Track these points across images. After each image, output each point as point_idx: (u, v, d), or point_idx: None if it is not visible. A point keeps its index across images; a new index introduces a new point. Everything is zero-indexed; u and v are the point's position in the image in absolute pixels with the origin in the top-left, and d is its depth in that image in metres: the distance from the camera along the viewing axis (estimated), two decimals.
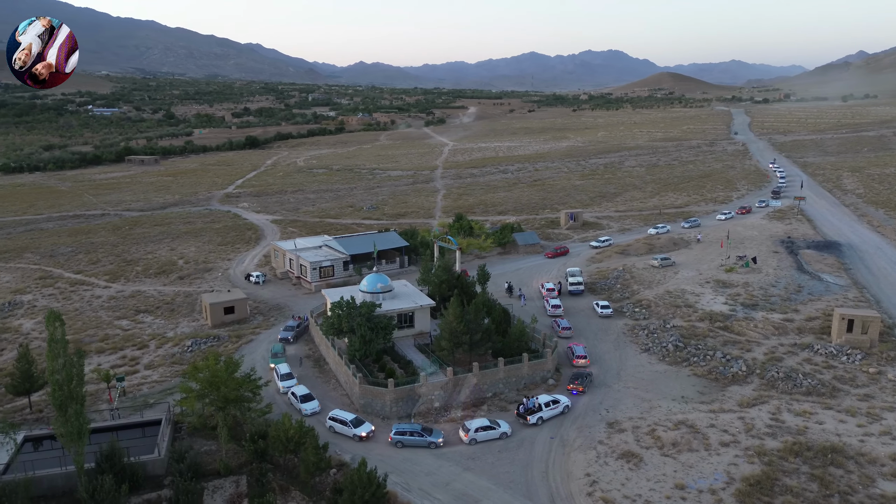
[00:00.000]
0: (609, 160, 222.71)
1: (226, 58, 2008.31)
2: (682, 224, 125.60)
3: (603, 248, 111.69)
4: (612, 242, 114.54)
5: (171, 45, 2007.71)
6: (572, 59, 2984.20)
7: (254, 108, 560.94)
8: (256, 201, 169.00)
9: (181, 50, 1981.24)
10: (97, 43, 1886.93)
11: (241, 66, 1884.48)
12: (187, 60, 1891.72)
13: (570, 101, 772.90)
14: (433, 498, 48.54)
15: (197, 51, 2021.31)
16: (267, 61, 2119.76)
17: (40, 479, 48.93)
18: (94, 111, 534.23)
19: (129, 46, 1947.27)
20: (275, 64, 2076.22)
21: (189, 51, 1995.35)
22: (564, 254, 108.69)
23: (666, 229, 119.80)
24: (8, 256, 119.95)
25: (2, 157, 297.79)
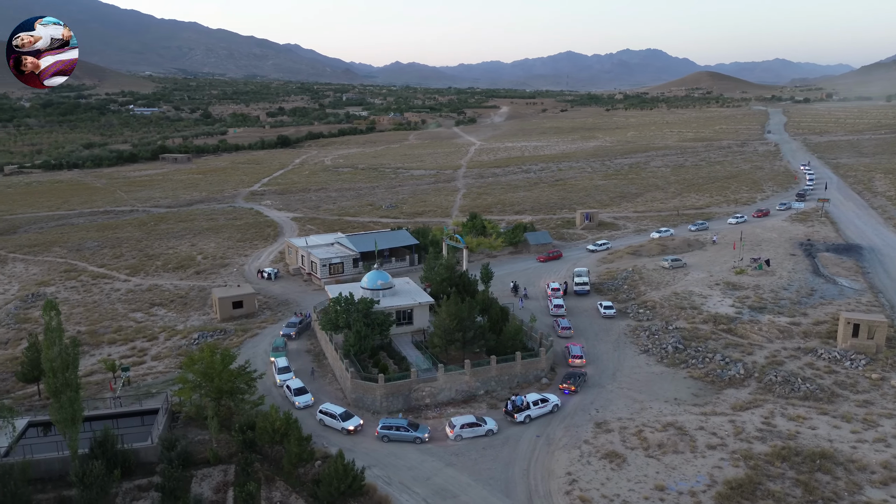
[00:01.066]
0: (635, 160, 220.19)
1: (265, 58, 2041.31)
2: (689, 227, 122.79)
3: (602, 251, 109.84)
4: (611, 246, 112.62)
5: (213, 45, 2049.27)
6: (609, 58, 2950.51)
7: (288, 108, 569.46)
8: (279, 199, 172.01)
9: (222, 51, 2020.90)
10: (142, 44, 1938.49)
11: (280, 67, 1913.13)
12: (227, 61, 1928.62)
13: (604, 100, 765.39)
14: (412, 492, 49.18)
15: (237, 51, 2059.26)
16: (304, 61, 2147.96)
17: (38, 462, 51.13)
18: (134, 110, 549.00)
19: (173, 48, 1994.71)
20: (312, 64, 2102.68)
21: (229, 51, 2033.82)
22: (557, 258, 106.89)
23: (669, 232, 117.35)
24: (37, 250, 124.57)
25: (44, 155, 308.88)
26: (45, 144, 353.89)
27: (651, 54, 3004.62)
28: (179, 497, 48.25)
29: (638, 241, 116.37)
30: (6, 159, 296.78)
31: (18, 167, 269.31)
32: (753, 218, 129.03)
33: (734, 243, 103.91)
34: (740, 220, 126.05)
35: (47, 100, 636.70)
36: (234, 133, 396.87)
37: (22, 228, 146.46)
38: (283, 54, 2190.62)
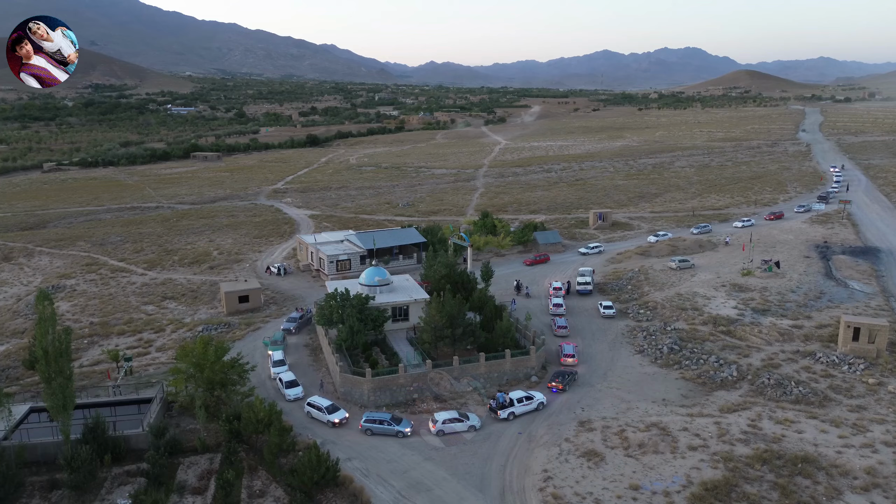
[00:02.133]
0: (659, 160, 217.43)
1: (301, 58, 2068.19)
2: (691, 230, 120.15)
3: (594, 254, 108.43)
4: (604, 249, 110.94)
5: (251, 46, 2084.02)
6: (647, 57, 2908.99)
7: (321, 108, 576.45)
8: (300, 197, 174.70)
9: (260, 51, 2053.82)
10: (183, 45, 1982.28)
11: (316, 67, 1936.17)
12: (265, 61, 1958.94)
13: (638, 100, 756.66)
14: (388, 484, 49.94)
15: (275, 52, 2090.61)
16: (340, 62, 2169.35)
17: (35, 446, 53.36)
18: (171, 110, 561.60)
19: (212, 48, 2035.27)
20: (348, 64, 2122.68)
21: (267, 52, 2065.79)
22: (545, 262, 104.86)
23: (667, 236, 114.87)
24: (63, 244, 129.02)
25: (82, 153, 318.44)
26: (84, 142, 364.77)
27: (690, 53, 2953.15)
28: (164, 483, 50.00)
29: (650, 241, 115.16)
30: (46, 157, 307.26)
31: (56, 164, 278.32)
32: (766, 221, 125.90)
33: (743, 245, 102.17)
34: (747, 224, 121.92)
35: (89, 99, 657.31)
36: (266, 132, 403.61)
37: (52, 223, 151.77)
38: (320, 54, 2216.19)
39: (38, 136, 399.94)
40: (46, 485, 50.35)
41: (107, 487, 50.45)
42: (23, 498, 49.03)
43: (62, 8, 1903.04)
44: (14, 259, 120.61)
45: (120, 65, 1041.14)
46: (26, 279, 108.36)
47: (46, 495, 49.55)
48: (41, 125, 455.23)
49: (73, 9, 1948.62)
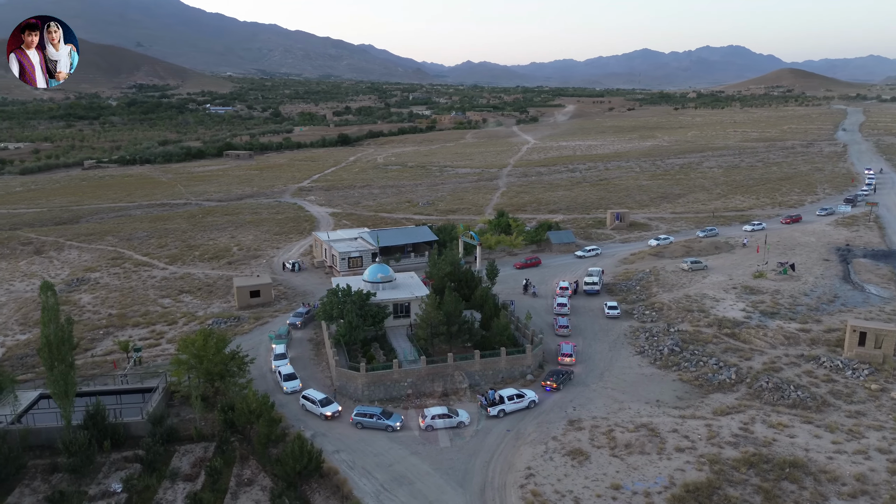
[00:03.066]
0: (688, 160, 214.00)
1: (339, 59, 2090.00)
2: (697, 233, 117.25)
3: (590, 256, 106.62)
4: (601, 252, 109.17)
5: (290, 47, 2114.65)
6: (688, 55, 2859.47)
7: (355, 107, 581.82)
8: (324, 195, 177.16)
9: (299, 52, 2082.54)
10: (224, 46, 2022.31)
11: (353, 67, 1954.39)
12: (304, 62, 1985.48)
13: (676, 99, 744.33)
14: (372, 477, 50.79)
15: (313, 52, 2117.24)
16: (378, 62, 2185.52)
17: (39, 431, 55.74)
18: (210, 109, 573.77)
19: (253, 49, 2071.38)
20: (385, 64, 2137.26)
21: (306, 52, 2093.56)
22: (535, 265, 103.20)
23: (669, 240, 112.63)
24: (92, 238, 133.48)
25: (122, 151, 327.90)
26: (125, 141, 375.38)
27: (733, 51, 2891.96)
28: (157, 469, 51.75)
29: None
30: (87, 154, 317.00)
31: (96, 162, 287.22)
32: (782, 224, 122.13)
33: (758, 247, 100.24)
34: (757, 228, 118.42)
35: (132, 99, 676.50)
36: (299, 131, 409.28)
37: (84, 218, 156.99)
38: (357, 55, 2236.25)
39: (81, 134, 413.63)
40: (48, 468, 52.54)
41: (104, 472, 52.40)
42: (25, 480, 51.30)
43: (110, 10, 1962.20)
44: (45, 252, 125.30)
45: (163, 65, 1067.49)
46: (54, 272, 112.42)
47: (47, 478, 51.68)
48: (85, 124, 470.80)
49: (120, 11, 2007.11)
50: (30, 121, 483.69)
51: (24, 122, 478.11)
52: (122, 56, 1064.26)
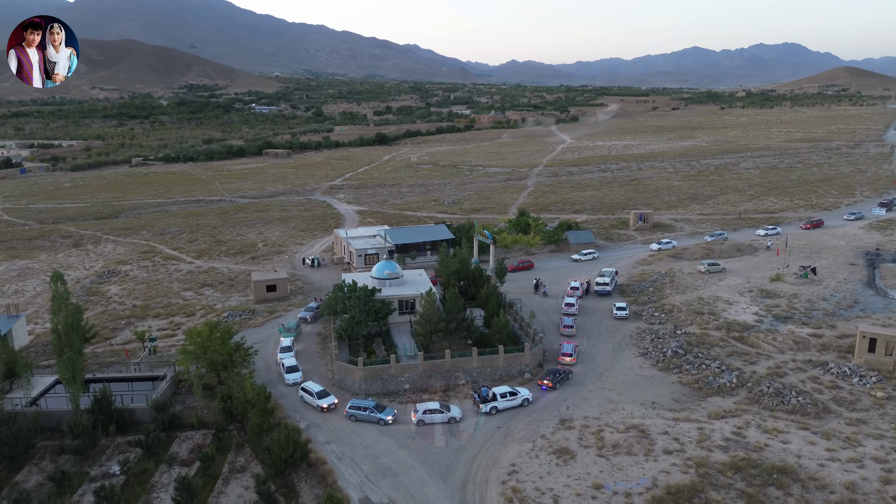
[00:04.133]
0: (725, 161, 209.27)
1: (384, 59, 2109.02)
2: (705, 237, 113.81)
3: (587, 260, 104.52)
4: (598, 256, 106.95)
5: (337, 47, 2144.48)
6: (740, 53, 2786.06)
7: (396, 107, 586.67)
8: (353, 193, 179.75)
9: (345, 52, 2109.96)
10: (274, 47, 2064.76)
11: (398, 67, 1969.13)
12: (350, 62, 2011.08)
13: (724, 98, 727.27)
14: (358, 468, 51.85)
15: (359, 52, 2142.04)
16: (422, 61, 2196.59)
17: (51, 413, 58.68)
18: (255, 109, 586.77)
19: (301, 49, 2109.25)
20: (429, 64, 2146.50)
21: (352, 52, 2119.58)
22: (528, 268, 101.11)
23: (672, 244, 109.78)
24: (128, 233, 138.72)
25: (168, 149, 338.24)
26: (172, 139, 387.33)
27: (788, 49, 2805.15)
28: (156, 454, 53.95)
29: (686, 243, 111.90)
30: (136, 152, 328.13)
31: (143, 159, 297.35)
32: (802, 230, 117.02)
33: (778, 249, 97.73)
34: (771, 232, 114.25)
35: (182, 98, 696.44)
36: (339, 130, 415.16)
37: (123, 214, 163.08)
38: (403, 55, 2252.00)
39: (132, 132, 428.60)
40: (56, 449, 55.33)
41: (107, 455, 54.87)
42: (34, 459, 54.17)
43: (167, 13, 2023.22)
44: (83, 245, 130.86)
45: (213, 66, 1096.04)
46: (89, 264, 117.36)
47: (55, 458, 54.43)
48: (136, 123, 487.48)
49: (177, 13, 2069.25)
50: (84, 119, 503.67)
51: (78, 120, 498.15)
52: (174, 57, 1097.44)
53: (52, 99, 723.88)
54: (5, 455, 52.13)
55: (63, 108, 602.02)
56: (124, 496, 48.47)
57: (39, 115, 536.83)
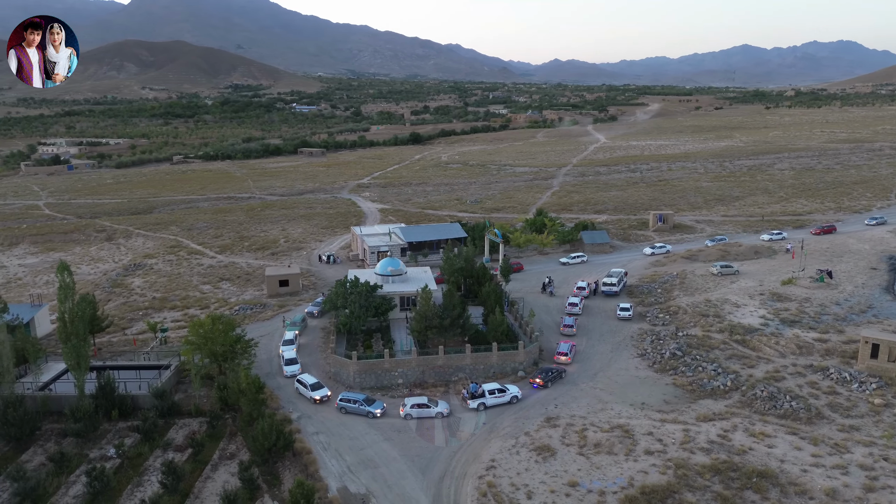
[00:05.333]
0: (759, 162, 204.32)
1: (426, 58, 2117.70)
2: (706, 242, 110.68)
3: (575, 263, 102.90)
4: (587, 259, 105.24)
5: (380, 47, 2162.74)
6: (792, 51, 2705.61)
7: (433, 107, 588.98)
8: (379, 191, 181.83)
9: (387, 52, 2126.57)
10: (318, 47, 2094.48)
11: (440, 66, 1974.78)
12: (392, 62, 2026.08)
13: (771, 97, 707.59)
14: (341, 458, 53.08)
15: (401, 52, 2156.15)
16: (464, 61, 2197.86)
17: (59, 398, 61.58)
18: (295, 108, 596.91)
19: (344, 50, 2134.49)
20: (471, 63, 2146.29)
21: (394, 52, 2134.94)
22: (517, 270, 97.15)
23: (665, 249, 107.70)
24: (158, 227, 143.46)
25: (209, 147, 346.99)
26: (214, 138, 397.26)
27: (842, 46, 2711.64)
28: (153, 439, 56.23)
29: (698, 245, 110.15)
30: (178, 150, 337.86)
31: (183, 157, 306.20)
32: (813, 235, 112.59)
33: (793, 253, 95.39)
34: (775, 237, 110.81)
35: (226, 98, 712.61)
36: (376, 130, 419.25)
37: (157, 209, 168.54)
38: (444, 54, 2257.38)
39: (176, 131, 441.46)
40: (61, 432, 58.11)
41: (108, 438, 57.39)
42: (40, 441, 57.05)
43: (215, 15, 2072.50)
44: (115, 239, 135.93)
45: (258, 66, 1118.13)
46: (118, 257, 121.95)
47: (59, 441, 57.21)
48: (181, 122, 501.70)
49: (226, 15, 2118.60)
50: (132, 118, 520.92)
51: (127, 119, 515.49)
52: (220, 58, 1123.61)
53: (103, 98, 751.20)
54: (12, 435, 55.09)
55: (113, 107, 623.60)
56: (117, 478, 50.80)
57: (90, 114, 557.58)
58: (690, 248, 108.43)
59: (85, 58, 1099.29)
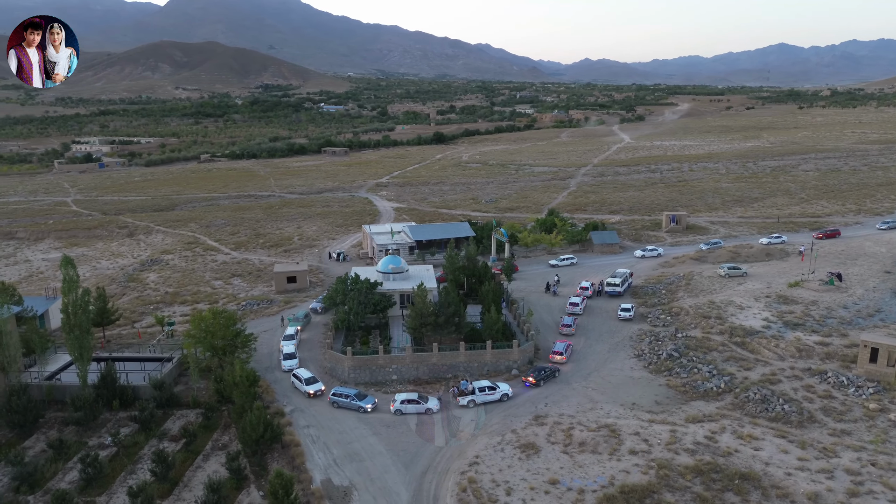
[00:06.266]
0: (783, 163, 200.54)
1: (455, 58, 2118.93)
2: (700, 246, 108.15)
3: (564, 265, 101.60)
4: (576, 261, 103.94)
5: (409, 47, 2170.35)
6: (830, 50, 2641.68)
7: (459, 106, 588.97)
8: (396, 191, 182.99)
9: (417, 52, 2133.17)
10: (348, 48, 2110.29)
11: (469, 66, 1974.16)
12: (421, 61, 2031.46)
13: (806, 97, 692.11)
14: (329, 451, 54.01)
15: (431, 52, 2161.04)
16: (493, 61, 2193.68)
17: (64, 387, 63.68)
18: (322, 108, 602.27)
19: (374, 50, 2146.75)
20: (500, 63, 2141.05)
21: (424, 52, 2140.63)
22: None
23: (656, 251, 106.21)
24: (178, 224, 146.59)
25: (236, 146, 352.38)
26: (241, 137, 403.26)
27: (883, 45, 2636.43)
28: (150, 429, 57.88)
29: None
30: (206, 149, 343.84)
31: (210, 156, 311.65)
32: (816, 240, 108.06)
33: (802, 255, 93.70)
34: (775, 241, 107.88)
35: (256, 98, 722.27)
36: (401, 129, 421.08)
37: (178, 206, 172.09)
38: (474, 54, 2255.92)
39: (205, 130, 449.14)
40: (64, 420, 60.14)
41: (108, 427, 59.22)
42: (43, 428, 59.13)
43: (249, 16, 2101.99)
44: (135, 235, 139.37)
45: (288, 66, 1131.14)
46: (137, 253, 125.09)
47: (62, 428, 59.23)
48: (211, 121, 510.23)
49: (258, 16, 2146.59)
50: (164, 118, 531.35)
51: (159, 119, 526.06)
52: (252, 58, 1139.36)
53: (138, 98, 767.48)
54: (16, 422, 57.19)
55: (147, 107, 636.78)
56: (111, 466, 52.50)
57: (124, 113, 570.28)
58: (687, 251, 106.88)
59: (121, 59, 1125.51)
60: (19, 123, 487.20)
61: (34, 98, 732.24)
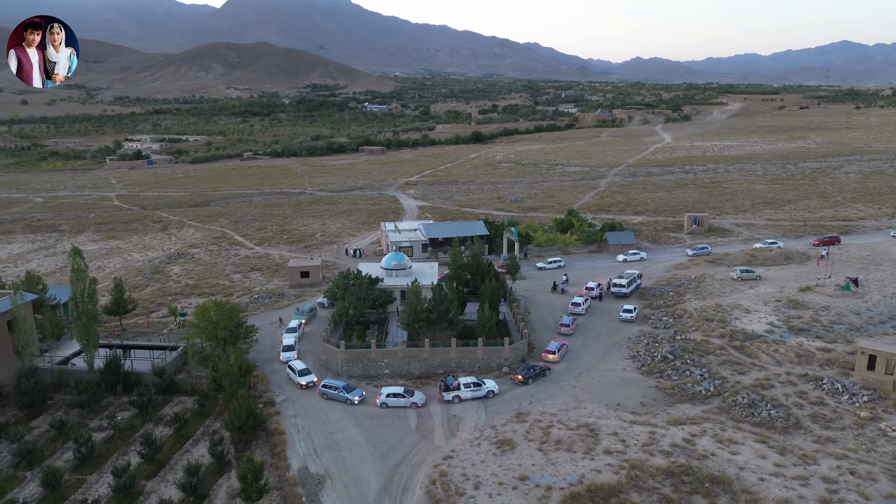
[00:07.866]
0: (825, 164, 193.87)
1: (503, 57, 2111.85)
2: (687, 251, 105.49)
3: (551, 268, 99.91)
4: (564, 265, 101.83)
5: (457, 47, 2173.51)
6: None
7: (502, 106, 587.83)
8: (424, 189, 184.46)
9: (465, 51, 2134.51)
10: (397, 47, 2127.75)
11: (517, 65, 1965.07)
12: (469, 61, 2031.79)
13: (865, 96, 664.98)
14: (310, 441, 55.51)
15: (479, 52, 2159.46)
16: (542, 60, 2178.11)
17: (73, 372, 67.09)
18: (366, 108, 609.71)
19: (422, 50, 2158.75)
20: (548, 62, 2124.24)
21: (472, 52, 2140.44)
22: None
23: (639, 256, 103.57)
24: (209, 219, 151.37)
25: (279, 145, 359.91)
26: (285, 136, 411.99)
27: None
28: (147, 413, 60.55)
29: (733, 249, 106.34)
30: (249, 147, 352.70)
31: (253, 154, 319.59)
32: (813, 246, 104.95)
33: (818, 259, 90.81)
34: (770, 245, 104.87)
35: (302, 97, 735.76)
36: (441, 129, 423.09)
37: (213, 202, 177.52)
38: (522, 53, 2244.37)
39: (251, 129, 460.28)
40: (70, 403, 63.40)
41: (110, 411, 62.15)
42: (51, 410, 62.45)
43: (301, 17, 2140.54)
44: (168, 230, 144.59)
45: (336, 66, 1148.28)
46: (167, 246, 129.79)
47: (68, 410, 62.47)
48: (257, 120, 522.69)
49: (310, 17, 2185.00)
50: (214, 117, 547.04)
51: (209, 117, 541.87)
52: (301, 58, 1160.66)
53: (191, 98, 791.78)
54: (25, 403, 60.63)
55: (198, 106, 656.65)
56: (106, 447, 55.23)
57: (177, 112, 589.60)
58: (673, 259, 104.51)
59: (177, 59, 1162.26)
60: (78, 121, 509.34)
61: (94, 97, 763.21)
